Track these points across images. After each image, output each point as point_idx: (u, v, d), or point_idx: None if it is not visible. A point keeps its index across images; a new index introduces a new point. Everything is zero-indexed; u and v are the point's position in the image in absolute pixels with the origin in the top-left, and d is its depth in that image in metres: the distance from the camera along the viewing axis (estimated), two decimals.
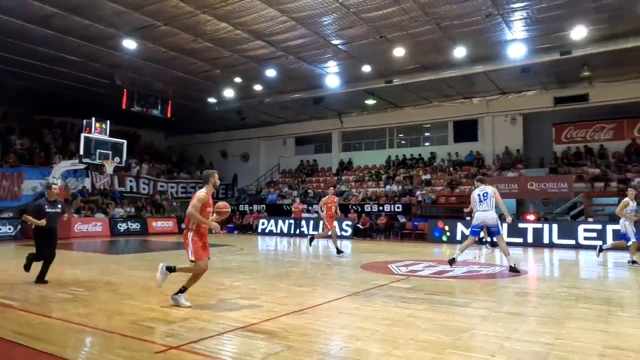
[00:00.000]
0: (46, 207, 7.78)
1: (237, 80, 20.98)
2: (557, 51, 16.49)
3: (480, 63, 18.09)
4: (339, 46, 17.01)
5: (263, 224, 24.25)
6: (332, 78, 20.32)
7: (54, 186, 8.23)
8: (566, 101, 21.63)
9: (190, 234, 6.00)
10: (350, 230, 21.25)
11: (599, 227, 16.14)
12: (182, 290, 6.06)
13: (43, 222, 7.61)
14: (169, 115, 23.20)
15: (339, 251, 13.02)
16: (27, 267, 7.84)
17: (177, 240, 19.82)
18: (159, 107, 22.67)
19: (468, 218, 15.11)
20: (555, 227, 16.69)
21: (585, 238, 15.90)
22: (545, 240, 16.68)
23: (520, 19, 14.66)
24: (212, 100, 24.56)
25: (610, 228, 15.98)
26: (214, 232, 6.71)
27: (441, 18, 14.52)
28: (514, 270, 9.26)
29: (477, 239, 10.68)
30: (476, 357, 4.02)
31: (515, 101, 22.75)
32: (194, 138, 33.11)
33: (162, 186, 27.94)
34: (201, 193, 6.08)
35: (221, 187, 31.07)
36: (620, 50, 16.13)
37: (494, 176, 21.52)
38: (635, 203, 10.94)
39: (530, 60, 17.20)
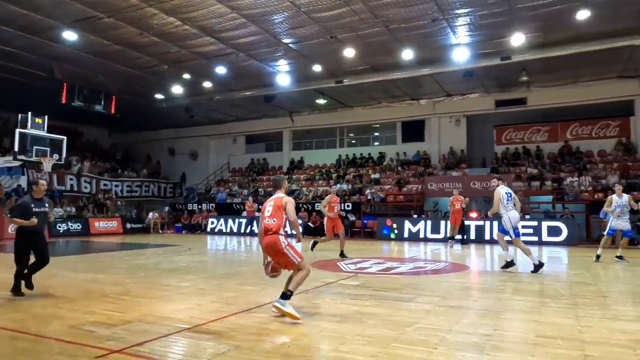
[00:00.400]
0: (33, 205, 6.77)
1: (186, 76, 20.50)
2: (498, 56, 17.29)
3: (427, 66, 18.65)
4: (290, 45, 17.02)
5: (212, 223, 23.86)
6: (283, 77, 20.28)
7: (41, 182, 7.12)
8: (506, 104, 22.73)
9: (282, 239, 5.67)
10: (300, 229, 21.30)
11: (535, 223, 17.13)
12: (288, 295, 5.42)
13: (34, 221, 6.59)
14: (112, 111, 22.27)
15: (342, 254, 12.24)
16: (17, 289, 6.68)
17: (121, 240, 19.13)
18: (102, 102, 21.71)
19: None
20: (495, 224, 17.49)
21: (523, 234, 16.73)
22: (487, 236, 17.47)
23: (464, 25, 15.25)
24: (159, 96, 23.85)
25: (545, 225, 17.00)
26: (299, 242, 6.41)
27: (389, 21, 14.85)
28: (538, 267, 8.83)
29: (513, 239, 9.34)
30: (419, 349, 4.17)
31: (460, 103, 23.64)
32: (140, 135, 32.00)
33: (105, 185, 26.83)
34: (288, 197, 5.93)
35: (168, 185, 30.31)
36: (555, 58, 17.15)
37: (439, 175, 22.28)
38: (624, 199, 10.81)
39: (474, 64, 17.93)
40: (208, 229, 23.71)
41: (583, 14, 13.94)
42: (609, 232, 10.95)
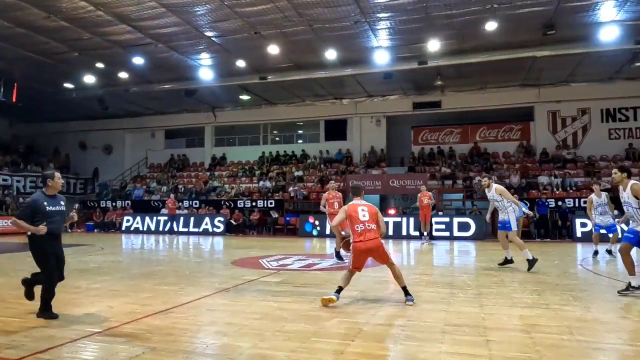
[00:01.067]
0: (46, 204, 5.20)
1: (99, 65, 19.27)
2: (415, 61, 18.13)
3: (349, 66, 19.10)
4: (213, 39, 16.63)
5: (128, 221, 22.69)
6: (205, 71, 19.77)
7: (57, 175, 5.45)
8: (423, 106, 23.94)
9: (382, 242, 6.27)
10: (222, 227, 20.91)
11: (447, 219, 18.23)
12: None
13: (43, 229, 5.03)
14: (14, 99, 20.40)
15: (337, 255, 10.49)
16: (48, 310, 5.20)
17: (24, 240, 17.59)
18: (2, 89, 19.82)
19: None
20: (412, 220, 18.37)
21: (436, 230, 17.78)
22: (404, 232, 18.29)
23: (385, 29, 15.82)
24: (69, 85, 22.20)
25: (456, 220, 18.13)
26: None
27: (313, 20, 15.02)
28: (532, 262, 8.80)
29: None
30: (338, 342, 4.28)
31: (380, 104, 24.49)
32: (47, 127, 29.55)
33: (5, 180, 24.51)
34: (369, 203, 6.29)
35: (79, 181, 28.36)
36: (466, 64, 18.34)
37: (360, 173, 22.93)
38: (602, 198, 11.04)
39: (393, 67, 18.66)
40: (123, 227, 22.51)
41: (491, 25, 15.02)
42: (596, 229, 11.26)
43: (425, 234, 15.98)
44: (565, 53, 17.18)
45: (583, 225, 16.53)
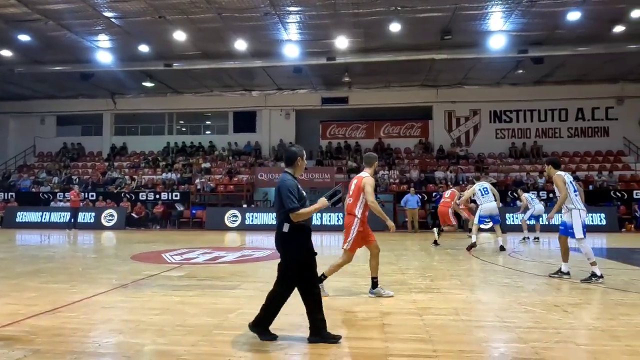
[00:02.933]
0: (299, 188, 4.23)
1: None
2: (324, 56, 18.46)
3: (259, 58, 18.94)
4: (112, 20, 15.55)
5: (12, 214, 20.51)
6: (103, 53, 18.44)
7: (302, 152, 4.39)
8: (331, 102, 24.51)
9: (357, 222, 5.60)
10: (122, 220, 19.73)
11: None
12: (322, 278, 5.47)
13: (324, 202, 4.25)
14: None
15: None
16: (267, 331, 4.22)
17: None
18: None
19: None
20: (321, 213, 18.74)
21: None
22: (317, 223, 18.60)
23: (295, 22, 15.90)
24: None
25: None
26: (391, 231, 6.06)
27: (223, 8, 14.65)
28: (502, 249, 10.60)
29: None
30: (240, 334, 4.28)
31: (290, 98, 24.62)
32: None
33: None
34: (370, 178, 5.64)
35: None
36: (372, 63, 19.07)
37: (269, 166, 22.91)
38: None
39: (302, 61, 18.84)
40: (6, 222, 20.32)
41: (395, 27, 15.74)
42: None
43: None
44: (460, 57, 18.59)
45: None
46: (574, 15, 14.92)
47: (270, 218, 19.06)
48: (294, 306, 5.42)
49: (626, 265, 8.31)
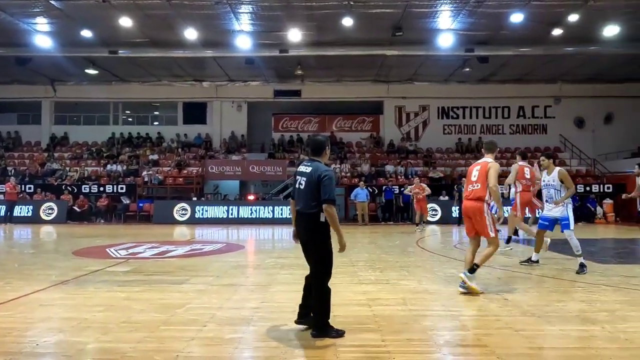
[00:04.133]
0: None
1: None
2: (277, 48, 18.31)
3: (210, 48, 18.50)
4: (52, 2, 14.67)
5: None
6: (42, 38, 17.39)
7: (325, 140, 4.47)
8: (283, 94, 24.39)
9: (485, 208, 5.58)
10: (55, 213, 18.77)
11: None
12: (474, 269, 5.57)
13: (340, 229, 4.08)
14: None
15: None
16: (332, 328, 4.05)
17: None
18: None
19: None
20: (273, 206, 18.69)
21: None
22: (262, 216, 18.52)
23: (247, 13, 15.65)
24: None
25: None
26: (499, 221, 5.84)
27: None
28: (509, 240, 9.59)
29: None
30: (189, 329, 4.20)
31: (242, 89, 24.27)
32: None
33: None
34: (495, 164, 5.71)
35: None
36: (325, 57, 19.12)
37: (220, 158, 22.54)
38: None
39: (255, 53, 18.60)
40: None
41: (348, 21, 15.85)
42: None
43: (422, 223, 15.64)
44: (410, 54, 18.99)
45: None
46: (517, 17, 15.59)
47: (221, 211, 18.79)
48: (237, 301, 5.40)
49: (561, 255, 8.84)
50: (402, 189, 18.47)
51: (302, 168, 4.15)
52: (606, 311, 4.82)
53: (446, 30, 17.07)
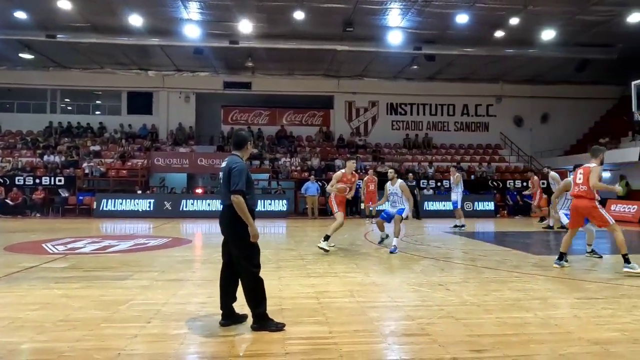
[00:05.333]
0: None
1: None
2: (227, 39, 17.98)
3: (156, 36, 17.90)
4: None
5: None
6: None
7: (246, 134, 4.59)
8: (233, 86, 24.00)
9: (596, 203, 6.56)
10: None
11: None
12: None
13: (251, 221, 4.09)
14: None
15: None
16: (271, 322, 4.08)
17: None
18: None
19: None
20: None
21: None
22: (215, 210, 18.18)
23: (196, 1, 15.26)
24: None
25: (262, 201, 18.79)
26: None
27: None
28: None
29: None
30: (132, 326, 4.07)
31: (190, 80, 23.66)
32: None
33: None
34: (597, 167, 6.52)
35: None
36: (276, 49, 18.98)
37: (167, 151, 21.90)
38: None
39: (204, 42, 18.18)
40: None
41: (299, 15, 15.80)
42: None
43: (372, 216, 15.61)
44: (360, 50, 19.21)
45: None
46: (462, 18, 16.14)
47: (167, 205, 18.27)
48: (183, 297, 5.29)
49: (499, 246, 9.30)
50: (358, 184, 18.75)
51: (222, 164, 4.25)
52: (539, 299, 5.13)
53: (395, 28, 17.41)
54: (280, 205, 18.72)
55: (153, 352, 3.53)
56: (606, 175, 21.27)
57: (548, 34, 17.50)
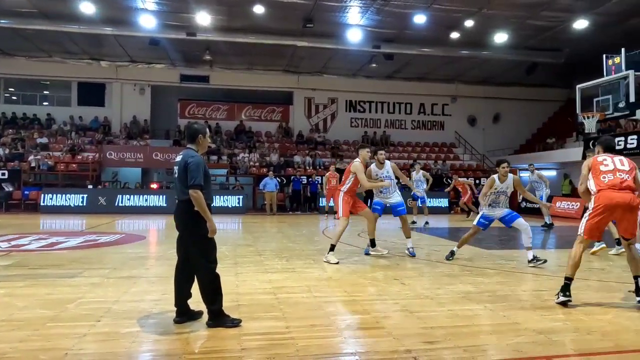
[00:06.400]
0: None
1: None
2: (184, 31, 17.57)
3: (109, 25, 17.27)
4: None
5: None
6: None
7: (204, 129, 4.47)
8: (191, 79, 23.49)
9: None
10: None
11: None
12: None
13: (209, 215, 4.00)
14: None
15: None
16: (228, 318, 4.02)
17: None
18: None
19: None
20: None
21: None
22: (171, 205, 17.76)
23: None
24: None
25: (220, 197, 18.54)
26: None
27: None
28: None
29: None
30: (80, 325, 3.92)
31: (145, 72, 22.97)
32: None
33: None
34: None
35: None
36: (235, 43, 18.74)
37: (120, 144, 21.18)
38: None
39: (160, 33, 17.70)
40: None
41: (259, 9, 15.65)
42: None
43: (327, 213, 15.75)
44: (320, 46, 19.26)
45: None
46: (420, 19, 16.48)
47: (120, 200, 17.71)
48: (135, 294, 5.16)
49: (453, 242, 9.58)
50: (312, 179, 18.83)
51: (177, 158, 4.16)
52: (489, 292, 5.33)
53: (355, 26, 17.56)
54: (238, 201, 18.52)
55: (103, 351, 3.41)
56: (552, 174, 22.37)
57: (501, 37, 18.15)
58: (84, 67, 22.26)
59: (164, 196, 17.93)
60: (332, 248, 7.23)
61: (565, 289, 4.69)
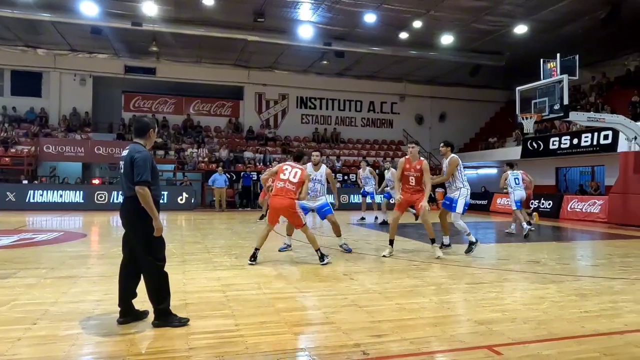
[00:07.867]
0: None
1: None
2: (129, 20, 16.89)
3: (47, 10, 16.30)
4: None
5: None
6: None
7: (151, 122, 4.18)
8: (136, 71, 22.64)
9: None
10: None
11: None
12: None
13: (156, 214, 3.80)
14: None
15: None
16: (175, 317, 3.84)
17: None
18: None
19: None
20: (120, 192, 17.28)
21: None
22: (111, 201, 17.07)
23: None
24: None
25: (165, 194, 18.02)
26: None
27: None
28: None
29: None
30: (14, 329, 3.70)
31: (86, 62, 21.91)
32: None
33: None
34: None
35: None
36: (183, 35, 18.22)
37: (59, 137, 20.11)
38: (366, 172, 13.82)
39: (102, 22, 16.91)
40: None
41: (209, 0, 15.29)
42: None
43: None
44: (271, 42, 19.11)
45: None
46: (370, 18, 16.72)
47: (58, 196, 16.84)
48: (75, 295, 4.94)
49: (400, 237, 9.80)
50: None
51: (123, 152, 3.99)
52: (434, 285, 5.52)
53: (306, 22, 17.56)
54: (186, 197, 18.09)
55: (40, 355, 3.23)
56: (493, 171, 23.40)
57: (447, 39, 18.76)
58: (19, 54, 20.93)
59: (107, 192, 17.22)
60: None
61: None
